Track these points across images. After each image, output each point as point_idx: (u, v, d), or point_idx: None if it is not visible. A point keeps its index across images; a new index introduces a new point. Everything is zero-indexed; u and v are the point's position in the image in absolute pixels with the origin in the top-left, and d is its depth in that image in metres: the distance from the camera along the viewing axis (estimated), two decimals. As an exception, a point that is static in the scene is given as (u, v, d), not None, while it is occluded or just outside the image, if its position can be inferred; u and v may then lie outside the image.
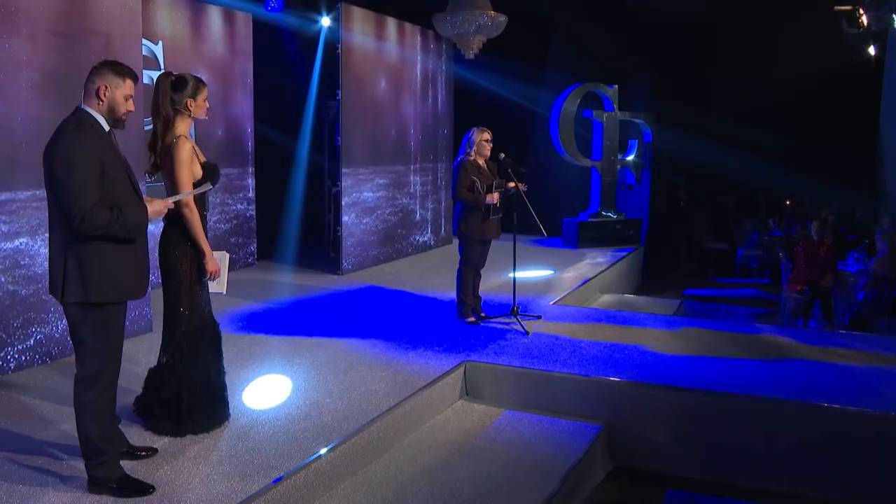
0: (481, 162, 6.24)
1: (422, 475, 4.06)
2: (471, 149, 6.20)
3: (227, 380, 4.70)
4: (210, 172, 3.78)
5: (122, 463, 3.49)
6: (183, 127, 3.74)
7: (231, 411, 4.18)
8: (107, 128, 3.22)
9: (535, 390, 5.15)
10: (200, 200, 3.80)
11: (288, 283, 7.99)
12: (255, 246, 9.06)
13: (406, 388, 4.72)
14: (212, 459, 3.62)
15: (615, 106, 10.79)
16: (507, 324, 6.31)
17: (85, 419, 3.21)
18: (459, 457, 4.31)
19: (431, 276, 8.42)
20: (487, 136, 6.22)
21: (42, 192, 4.18)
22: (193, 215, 3.69)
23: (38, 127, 4.64)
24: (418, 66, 10.03)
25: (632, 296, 8.93)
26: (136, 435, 3.87)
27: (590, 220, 10.78)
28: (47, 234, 4.77)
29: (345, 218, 8.57)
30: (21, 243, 4.77)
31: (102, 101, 3.18)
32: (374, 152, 9.16)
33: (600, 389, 5.00)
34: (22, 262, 4.77)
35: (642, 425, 4.89)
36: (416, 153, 10.14)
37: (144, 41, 7.25)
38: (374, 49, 9.01)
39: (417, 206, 10.26)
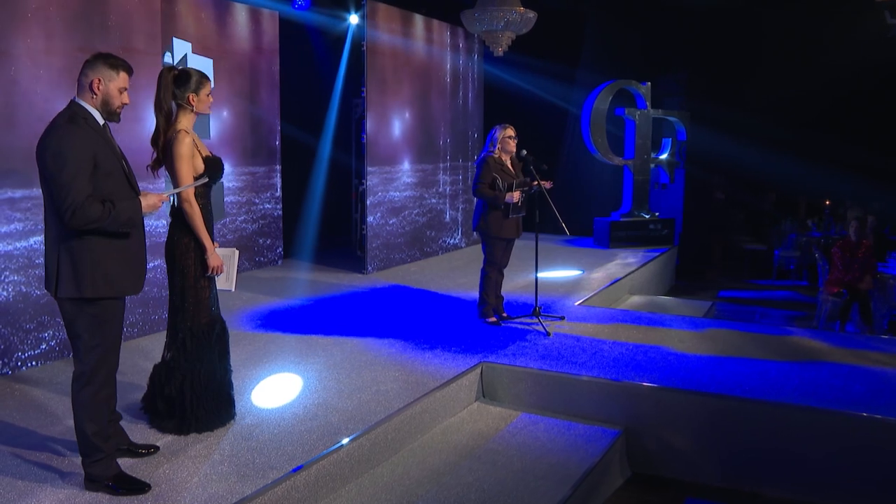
0: (505, 159, 6.12)
1: (429, 479, 3.96)
2: (494, 147, 6.08)
3: (238, 378, 4.70)
4: (212, 167, 3.74)
5: (123, 460, 3.48)
6: (185, 122, 3.70)
7: (239, 410, 4.14)
8: (101, 121, 3.19)
9: (553, 393, 5.01)
10: (204, 195, 3.75)
11: (311, 282, 7.96)
12: (282, 244, 9.07)
13: (418, 389, 4.63)
14: (212, 459, 3.57)
15: (648, 104, 10.56)
16: (529, 324, 6.18)
17: (81, 416, 3.18)
18: (469, 460, 4.20)
19: (458, 275, 8.32)
20: (511, 132, 6.10)
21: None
22: (194, 210, 3.64)
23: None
24: (447, 64, 9.94)
25: (662, 297, 8.71)
26: (142, 432, 3.85)
27: (622, 219, 10.56)
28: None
29: (370, 218, 8.51)
30: (36, 241, 4.79)
31: (96, 94, 3.14)
32: (401, 150, 9.11)
33: (620, 393, 4.84)
34: (37, 261, 4.79)
35: (663, 430, 4.72)
36: (445, 152, 10.06)
37: (180, 41, 7.32)
38: (401, 46, 8.95)
39: (447, 207, 10.17)
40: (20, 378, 4.67)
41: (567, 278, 8.29)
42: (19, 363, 4.80)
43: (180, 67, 3.73)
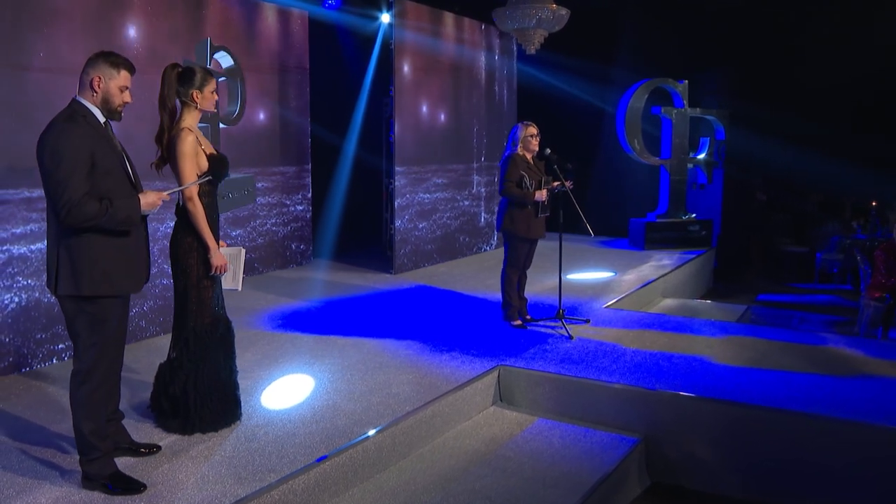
0: (529, 158, 6.00)
1: (436, 485, 3.87)
2: (517, 145, 5.97)
3: (251, 378, 4.69)
4: (217, 165, 3.70)
5: (125, 459, 3.47)
6: (190, 119, 3.67)
7: (247, 410, 4.11)
8: (102, 119, 3.17)
9: (571, 398, 4.87)
10: (209, 193, 3.72)
11: (337, 283, 7.93)
12: (312, 244, 9.08)
13: (431, 393, 4.54)
14: (213, 460, 3.54)
15: (685, 102, 10.29)
16: (553, 327, 6.04)
17: (79, 414, 3.17)
18: (479, 466, 4.10)
19: (486, 276, 8.21)
20: (533, 130, 5.98)
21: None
22: (197, 209, 3.61)
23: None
24: (480, 62, 9.84)
25: (695, 301, 8.46)
26: (148, 431, 3.84)
27: (657, 220, 10.31)
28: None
29: (398, 223, 8.45)
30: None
31: (96, 92, 3.13)
32: (431, 150, 9.02)
33: (639, 400, 4.68)
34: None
35: (683, 439, 4.55)
36: (480, 152, 9.95)
37: (209, 41, 7.36)
38: (431, 44, 8.88)
39: (482, 210, 10.06)
40: (37, 375, 4.72)
41: (597, 280, 8.11)
42: (36, 360, 4.85)
43: (185, 65, 3.70)
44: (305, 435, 3.86)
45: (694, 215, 10.48)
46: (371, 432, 3.90)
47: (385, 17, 9.19)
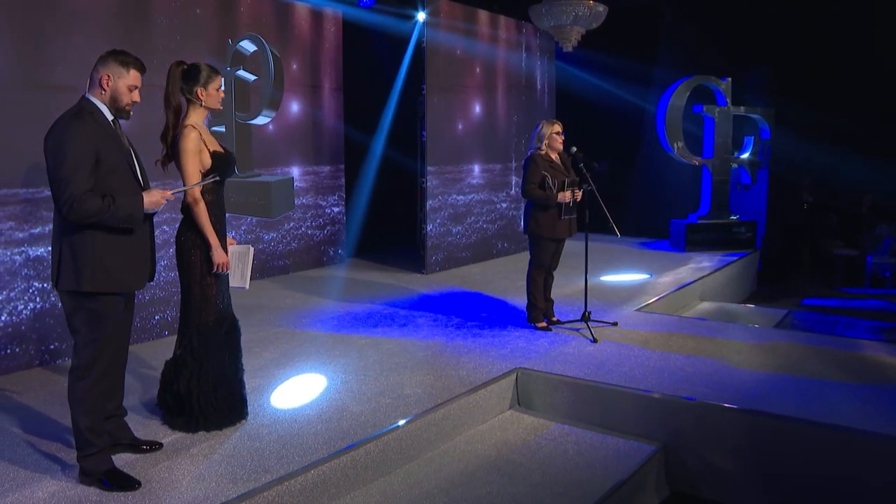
0: (553, 156, 5.87)
1: (440, 489, 3.78)
2: (541, 143, 5.84)
3: (266, 377, 4.69)
4: (221, 162, 3.68)
5: (125, 456, 3.48)
6: (195, 117, 3.67)
7: (255, 409, 4.10)
8: (110, 117, 3.19)
9: (590, 403, 4.73)
10: (213, 191, 3.71)
11: (367, 281, 7.92)
12: (346, 243, 9.08)
13: (443, 395, 4.45)
14: (212, 459, 3.52)
15: (728, 100, 9.98)
16: (579, 330, 5.90)
17: (76, 410, 3.19)
18: (487, 472, 3.99)
19: (518, 277, 8.03)
20: (558, 128, 5.84)
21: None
22: (199, 206, 3.61)
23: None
24: (516, 60, 9.71)
25: (734, 304, 8.18)
26: (154, 428, 3.85)
27: (699, 221, 10.02)
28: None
29: (429, 227, 8.39)
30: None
31: (105, 90, 3.16)
32: (465, 149, 8.94)
33: (660, 407, 4.51)
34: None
35: (705, 449, 4.36)
36: (519, 151, 9.82)
37: (241, 41, 7.42)
38: (465, 42, 8.80)
39: (521, 213, 9.91)
40: (57, 369, 4.80)
41: (632, 282, 7.90)
42: (57, 356, 4.93)
43: (190, 62, 3.70)
44: (309, 436, 3.81)
45: (737, 216, 10.16)
46: (373, 435, 3.83)
47: (420, 16, 9.14)
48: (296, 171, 8.28)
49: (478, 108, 9.12)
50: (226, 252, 3.86)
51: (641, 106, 10.93)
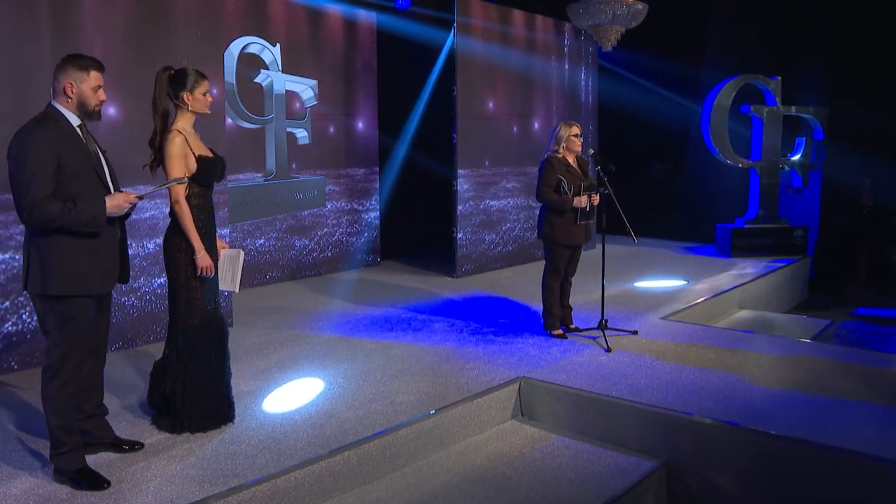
0: (570, 160, 5.72)
1: (420, 501, 3.70)
2: (558, 146, 5.70)
3: (264, 379, 4.72)
4: (206, 166, 3.70)
5: (105, 455, 3.55)
6: (182, 121, 3.70)
7: (244, 413, 4.13)
8: (76, 122, 3.24)
9: (591, 416, 4.57)
10: (200, 195, 3.74)
11: (395, 285, 7.90)
12: (380, 246, 9.10)
13: (436, 403, 4.38)
14: (188, 461, 3.54)
15: (777, 100, 9.56)
16: (595, 338, 5.73)
17: (47, 409, 3.25)
18: (473, 485, 3.89)
19: (548, 282, 7.93)
20: (577, 130, 5.70)
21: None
22: (182, 210, 3.64)
23: (108, 128, 4.90)
24: (554, 60, 9.53)
25: (775, 313, 7.81)
26: (143, 428, 3.91)
27: (745, 226, 9.64)
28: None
29: (459, 235, 8.31)
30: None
31: (71, 97, 3.20)
32: (499, 152, 8.82)
33: (663, 422, 4.32)
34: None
35: (709, 468, 4.16)
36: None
37: (259, 41, 7.53)
38: (500, 42, 8.69)
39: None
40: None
41: (665, 289, 7.65)
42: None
43: (178, 67, 3.73)
44: (289, 441, 3.79)
45: (787, 221, 9.73)
46: (352, 443, 3.78)
47: (453, 18, 9.07)
48: (329, 173, 8.35)
49: (512, 110, 8.98)
50: (216, 255, 3.89)
51: (688, 106, 10.58)
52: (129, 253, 3.57)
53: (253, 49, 7.48)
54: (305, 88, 8.02)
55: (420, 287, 7.79)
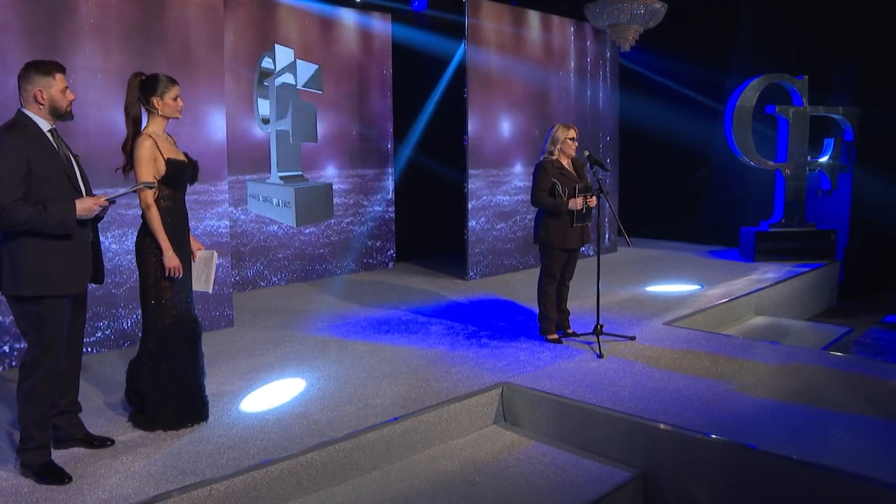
0: (565, 162, 5.67)
1: (382, 505, 3.72)
2: (553, 147, 5.65)
3: (248, 380, 4.80)
4: (175, 170, 3.78)
5: (76, 450, 3.66)
6: (153, 126, 3.79)
7: (221, 412, 4.20)
8: (47, 127, 3.34)
9: (570, 423, 4.52)
10: (170, 197, 3.82)
11: (403, 287, 7.92)
12: (395, 248, 9.14)
13: (411, 407, 4.38)
14: (153, 458, 3.62)
15: (804, 100, 9.28)
16: (590, 343, 5.66)
17: (22, 405, 3.37)
18: (438, 491, 3.88)
19: (560, 285, 7.85)
20: (573, 133, 5.64)
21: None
22: (151, 212, 3.73)
23: (111, 130, 5.04)
24: (570, 60, 9.43)
25: (790, 320, 7.58)
26: (120, 424, 4.01)
27: (770, 229, 9.39)
28: (116, 231, 5.16)
29: (471, 236, 8.30)
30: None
31: (43, 104, 3.30)
32: (511, 152, 8.77)
33: (640, 432, 4.23)
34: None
35: (687, 482, 4.07)
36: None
37: (282, 48, 7.64)
38: (511, 42, 8.64)
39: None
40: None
41: (676, 293, 7.50)
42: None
43: (149, 73, 3.82)
44: (255, 442, 3.84)
45: (814, 224, 9.44)
46: (312, 446, 3.80)
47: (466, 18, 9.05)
48: (342, 175, 8.42)
49: (523, 110, 8.90)
50: (189, 257, 3.97)
51: (712, 106, 10.35)
52: (124, 251, 3.67)
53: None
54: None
55: (428, 289, 7.80)
